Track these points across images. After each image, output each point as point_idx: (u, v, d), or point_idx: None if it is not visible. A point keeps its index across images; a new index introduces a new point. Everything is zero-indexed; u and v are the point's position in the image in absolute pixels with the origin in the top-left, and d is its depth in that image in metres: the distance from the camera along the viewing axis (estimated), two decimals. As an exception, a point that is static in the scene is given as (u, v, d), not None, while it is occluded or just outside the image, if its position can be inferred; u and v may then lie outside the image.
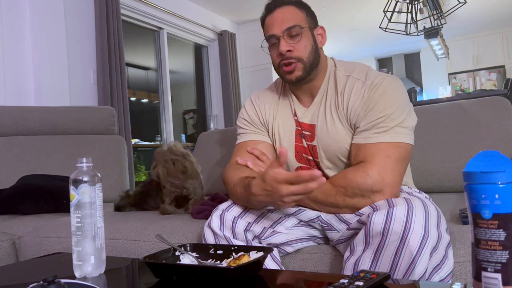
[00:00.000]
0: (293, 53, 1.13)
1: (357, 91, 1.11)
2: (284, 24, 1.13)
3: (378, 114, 1.06)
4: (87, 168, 0.91)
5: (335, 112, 1.14)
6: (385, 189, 1.00)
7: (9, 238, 1.60)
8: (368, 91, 1.09)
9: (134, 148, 4.06)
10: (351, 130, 1.12)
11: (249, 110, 1.29)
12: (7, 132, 2.19)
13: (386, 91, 1.07)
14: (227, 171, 1.19)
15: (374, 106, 1.07)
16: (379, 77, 1.10)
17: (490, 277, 0.55)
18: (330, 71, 1.20)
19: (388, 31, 4.63)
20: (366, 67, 1.16)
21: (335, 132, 1.13)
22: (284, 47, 1.12)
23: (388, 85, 1.08)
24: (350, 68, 1.17)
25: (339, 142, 1.12)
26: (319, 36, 1.19)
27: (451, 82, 7.79)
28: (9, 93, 2.83)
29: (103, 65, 3.32)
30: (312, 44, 1.15)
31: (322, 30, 1.20)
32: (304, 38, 1.14)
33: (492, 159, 0.57)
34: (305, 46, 1.14)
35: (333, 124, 1.13)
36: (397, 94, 1.08)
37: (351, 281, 0.69)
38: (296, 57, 1.13)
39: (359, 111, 1.09)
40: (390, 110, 1.05)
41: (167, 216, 1.58)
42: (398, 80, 1.13)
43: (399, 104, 1.07)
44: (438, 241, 0.88)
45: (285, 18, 1.14)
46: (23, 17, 2.94)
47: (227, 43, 5.21)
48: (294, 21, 1.13)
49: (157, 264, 0.89)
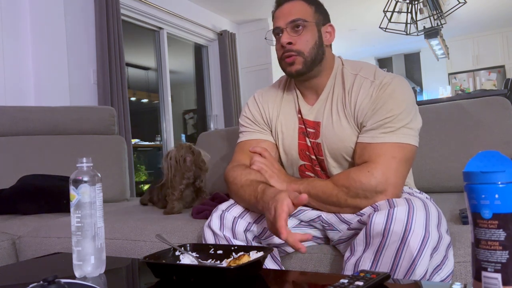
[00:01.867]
0: (294, 46, 1.13)
1: (365, 90, 1.10)
2: (289, 17, 1.14)
3: (385, 114, 1.05)
4: (87, 168, 0.91)
5: (341, 110, 1.13)
6: (388, 190, 1.00)
7: (9, 238, 1.60)
8: (377, 91, 1.08)
9: (134, 148, 4.06)
10: (357, 129, 1.11)
11: (252, 109, 1.28)
12: (7, 132, 2.19)
13: (394, 91, 1.07)
14: (231, 170, 1.18)
15: (382, 105, 1.06)
16: (387, 77, 1.10)
17: (490, 277, 0.55)
18: (337, 69, 1.19)
19: (388, 31, 4.63)
20: (373, 67, 1.16)
21: (341, 130, 1.12)
22: (285, 39, 1.13)
23: (396, 85, 1.08)
24: (357, 67, 1.16)
25: (344, 141, 1.12)
26: (327, 33, 1.18)
27: (451, 82, 7.79)
28: (9, 93, 2.83)
29: (103, 65, 3.32)
30: (316, 40, 1.15)
31: (331, 28, 1.20)
32: (307, 32, 1.13)
33: (492, 159, 0.57)
34: (307, 40, 1.13)
35: (339, 122, 1.13)
36: (405, 95, 1.08)
37: (351, 281, 0.69)
38: (297, 50, 1.13)
39: (366, 110, 1.08)
40: (397, 110, 1.05)
41: (167, 216, 1.58)
42: (406, 81, 1.13)
43: (407, 105, 1.07)
44: (439, 241, 0.88)
45: (291, 11, 1.14)
46: (23, 17, 2.93)
47: (227, 43, 5.21)
48: (299, 15, 1.13)
49: (157, 264, 0.89)
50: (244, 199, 1.09)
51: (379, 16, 4.77)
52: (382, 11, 4.51)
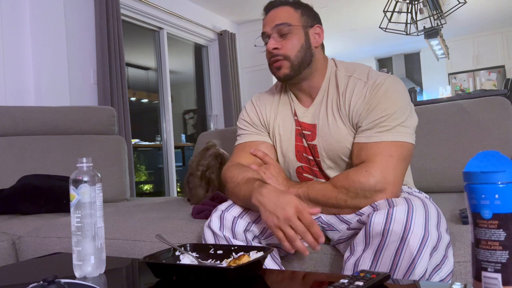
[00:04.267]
0: (280, 51, 1.15)
1: (359, 91, 1.11)
2: (275, 22, 1.16)
3: (380, 113, 1.06)
4: (87, 168, 0.91)
5: (336, 112, 1.14)
6: (387, 188, 1.00)
7: (9, 238, 1.60)
8: (370, 91, 1.09)
9: (134, 148, 4.06)
10: (353, 129, 1.12)
11: (250, 112, 1.29)
12: (7, 132, 2.19)
13: (388, 91, 1.08)
14: (228, 170, 1.19)
15: (376, 105, 1.07)
16: (380, 77, 1.11)
17: (490, 277, 0.55)
18: (330, 71, 1.19)
19: (388, 31, 4.63)
20: (367, 68, 1.16)
21: (337, 132, 1.13)
22: (271, 44, 1.15)
23: (390, 85, 1.09)
24: (351, 69, 1.17)
25: (341, 142, 1.12)
26: (315, 35, 1.19)
27: (451, 82, 7.79)
28: (9, 93, 2.83)
29: (103, 65, 3.32)
30: (302, 43, 1.15)
31: (319, 29, 1.20)
32: (293, 36, 1.15)
33: (492, 159, 0.57)
34: (293, 44, 1.14)
35: (335, 124, 1.13)
36: (399, 94, 1.09)
37: (351, 281, 0.69)
38: (283, 55, 1.15)
39: (361, 111, 1.09)
40: (392, 109, 1.05)
41: (167, 216, 1.58)
42: (400, 81, 1.13)
43: (401, 104, 1.07)
44: (438, 241, 0.88)
45: (276, 17, 1.16)
46: (23, 17, 2.93)
47: (227, 43, 5.21)
48: (284, 19, 1.15)
49: (157, 264, 0.89)
50: (238, 196, 1.09)
51: (379, 16, 4.78)
52: (382, 11, 4.51)
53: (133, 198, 2.70)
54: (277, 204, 0.96)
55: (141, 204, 2.12)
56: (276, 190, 1.00)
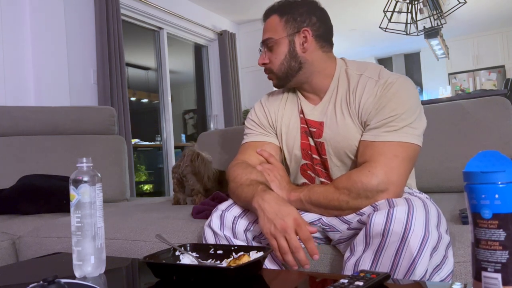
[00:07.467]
0: (267, 65, 1.22)
1: (369, 89, 1.10)
2: (264, 36, 1.21)
3: (389, 113, 1.05)
4: (87, 168, 0.91)
5: (346, 109, 1.13)
6: (390, 188, 1.00)
7: (9, 238, 1.60)
8: (381, 90, 1.08)
9: (134, 148, 4.06)
10: (362, 127, 1.11)
11: (258, 112, 1.30)
12: (7, 132, 2.19)
13: (398, 91, 1.07)
14: (232, 169, 1.19)
15: (386, 104, 1.06)
16: (392, 76, 1.10)
17: (490, 277, 0.55)
18: (339, 70, 1.19)
19: (388, 31, 4.63)
20: (378, 67, 1.16)
21: (345, 129, 1.12)
22: (260, 60, 1.23)
23: (401, 85, 1.08)
24: (362, 68, 1.16)
25: (349, 139, 1.12)
26: (303, 38, 1.16)
27: (451, 82, 7.79)
28: (9, 93, 2.83)
29: (103, 65, 3.32)
30: (286, 53, 1.17)
31: (307, 32, 1.16)
32: (277, 48, 1.18)
33: (492, 159, 0.57)
34: (275, 57, 1.18)
35: (343, 121, 1.13)
36: (409, 95, 1.08)
37: (351, 281, 0.69)
38: (268, 69, 1.22)
39: (370, 109, 1.09)
40: (401, 109, 1.05)
41: (167, 216, 1.58)
42: (411, 82, 1.12)
43: (411, 105, 1.07)
44: (438, 241, 0.88)
45: (265, 30, 1.22)
46: (23, 17, 2.93)
47: (227, 43, 5.21)
48: (269, 34, 1.19)
49: (157, 264, 0.89)
50: (240, 198, 1.09)
51: (379, 16, 4.77)
52: (382, 11, 4.51)
53: (133, 198, 2.70)
54: (277, 213, 0.96)
55: (141, 204, 2.12)
56: (278, 198, 1.00)
